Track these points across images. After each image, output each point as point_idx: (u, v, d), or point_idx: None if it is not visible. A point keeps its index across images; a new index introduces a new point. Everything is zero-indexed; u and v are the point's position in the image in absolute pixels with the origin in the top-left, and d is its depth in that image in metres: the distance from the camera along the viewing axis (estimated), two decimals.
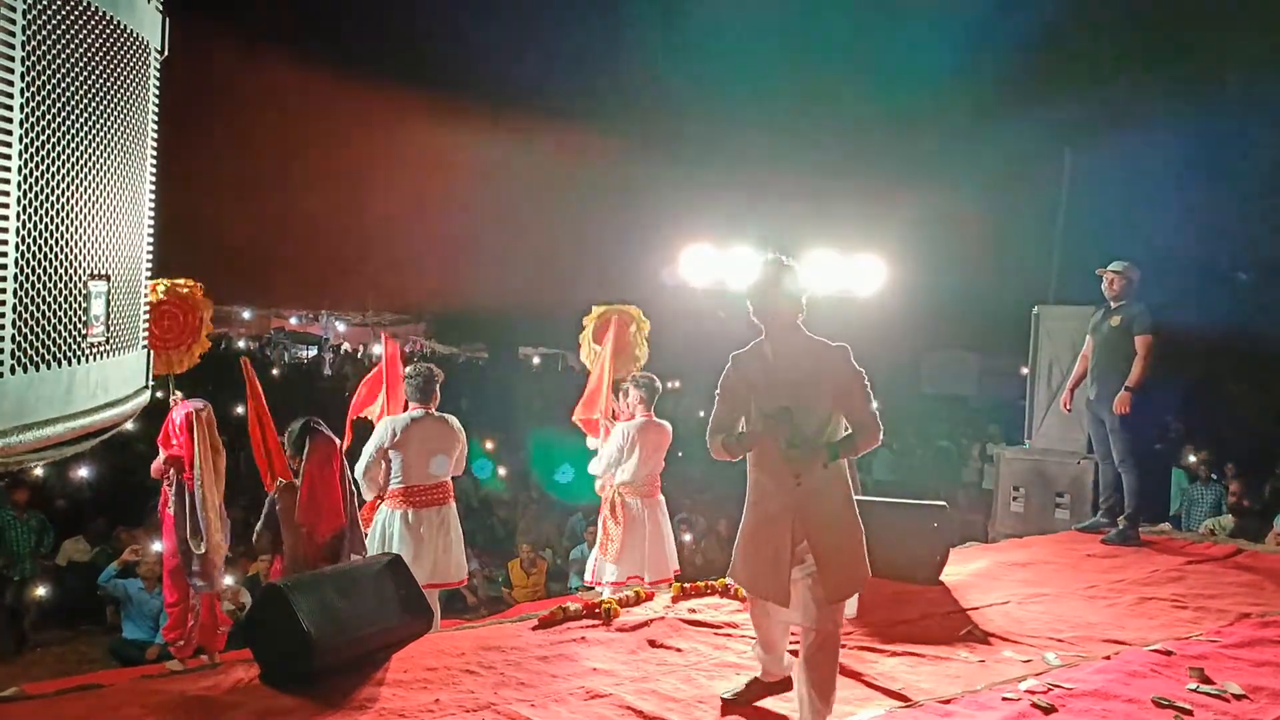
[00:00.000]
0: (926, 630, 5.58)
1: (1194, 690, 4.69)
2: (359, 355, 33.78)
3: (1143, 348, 7.60)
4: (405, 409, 6.85)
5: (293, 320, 43.84)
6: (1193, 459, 11.58)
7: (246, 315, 42.03)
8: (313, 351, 37.64)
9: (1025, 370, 10.28)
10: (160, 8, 1.76)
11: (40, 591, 10.27)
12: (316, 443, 6.01)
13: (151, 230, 1.77)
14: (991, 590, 6.38)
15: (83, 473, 13.13)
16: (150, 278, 1.82)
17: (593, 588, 7.32)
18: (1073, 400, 8.13)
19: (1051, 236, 13.07)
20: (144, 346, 1.77)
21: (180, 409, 6.15)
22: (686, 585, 6.38)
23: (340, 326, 40.29)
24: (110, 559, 9.90)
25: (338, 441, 6.20)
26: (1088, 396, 7.96)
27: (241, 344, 35.84)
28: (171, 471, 6.24)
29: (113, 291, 1.57)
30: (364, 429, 7.07)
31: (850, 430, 4.07)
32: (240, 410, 13.27)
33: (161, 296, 6.46)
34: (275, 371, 26.84)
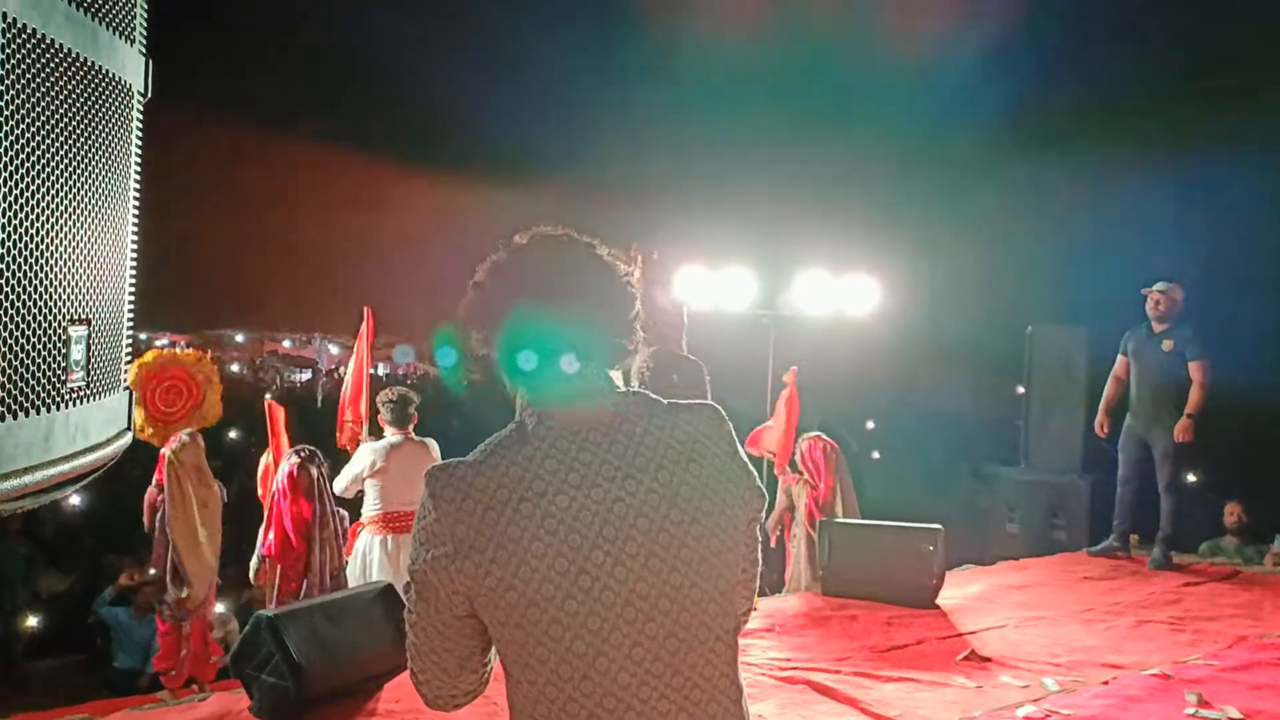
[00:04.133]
0: (923, 655, 5.54)
1: (1192, 714, 4.66)
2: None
3: (1200, 374, 7.44)
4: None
5: (286, 343, 43.82)
6: (1190, 478, 11.58)
7: (240, 339, 42.02)
8: (306, 375, 37.60)
9: (1021, 389, 10.29)
10: (144, 51, 1.76)
11: (31, 621, 10.21)
12: (289, 476, 6.03)
13: (134, 271, 1.75)
14: (988, 614, 6.35)
15: (74, 500, 13.06)
16: (133, 316, 1.80)
17: None
18: (1109, 423, 8.02)
19: (1044, 257, 13.12)
20: (126, 388, 1.76)
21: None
22: None
23: (333, 349, 40.26)
24: (93, 586, 9.85)
25: (314, 474, 6.16)
26: (1127, 421, 7.87)
27: (235, 368, 35.77)
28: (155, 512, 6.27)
29: (93, 336, 1.55)
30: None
31: None
32: (233, 435, 13.25)
33: (165, 367, 6.48)
34: (269, 395, 26.79)
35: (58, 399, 1.45)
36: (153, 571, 8.78)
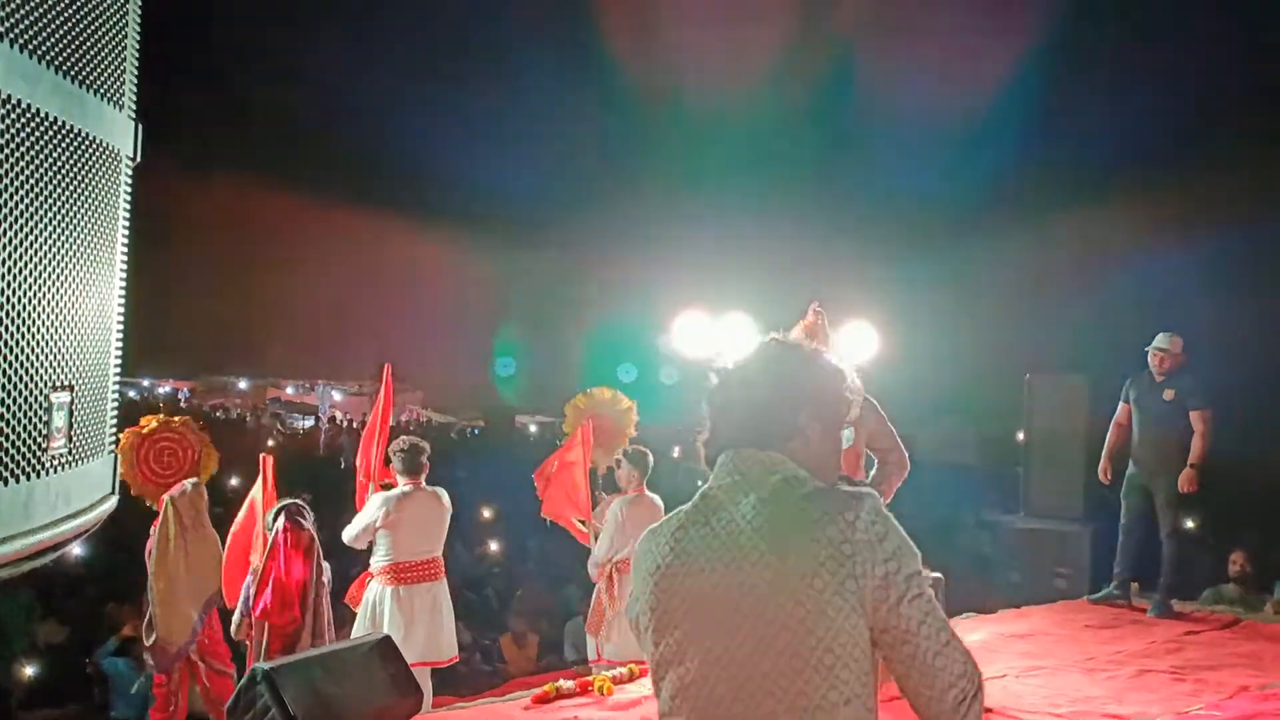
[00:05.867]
0: None
1: None
2: (355, 425, 33.73)
3: (1202, 424, 7.47)
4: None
5: (289, 390, 43.81)
6: (1190, 524, 11.53)
7: (242, 385, 42.04)
8: (309, 422, 37.57)
9: (1021, 436, 10.27)
10: (133, 116, 1.78)
11: (29, 670, 10.14)
12: (285, 533, 6.01)
13: (120, 334, 1.77)
14: (990, 663, 6.31)
15: (75, 550, 13.02)
16: (119, 379, 1.81)
17: (592, 668, 7.24)
18: (1112, 470, 8.02)
19: (1042, 306, 13.17)
20: (110, 452, 1.76)
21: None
22: None
23: (336, 396, 40.23)
24: (92, 635, 9.80)
25: (308, 531, 6.15)
26: (1130, 469, 7.87)
27: (236, 414, 35.78)
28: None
29: (76, 401, 1.56)
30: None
31: None
32: (234, 482, 13.22)
33: (157, 432, 6.65)
34: (271, 442, 26.76)
35: (38, 466, 1.46)
36: None
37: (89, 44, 1.58)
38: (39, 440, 1.45)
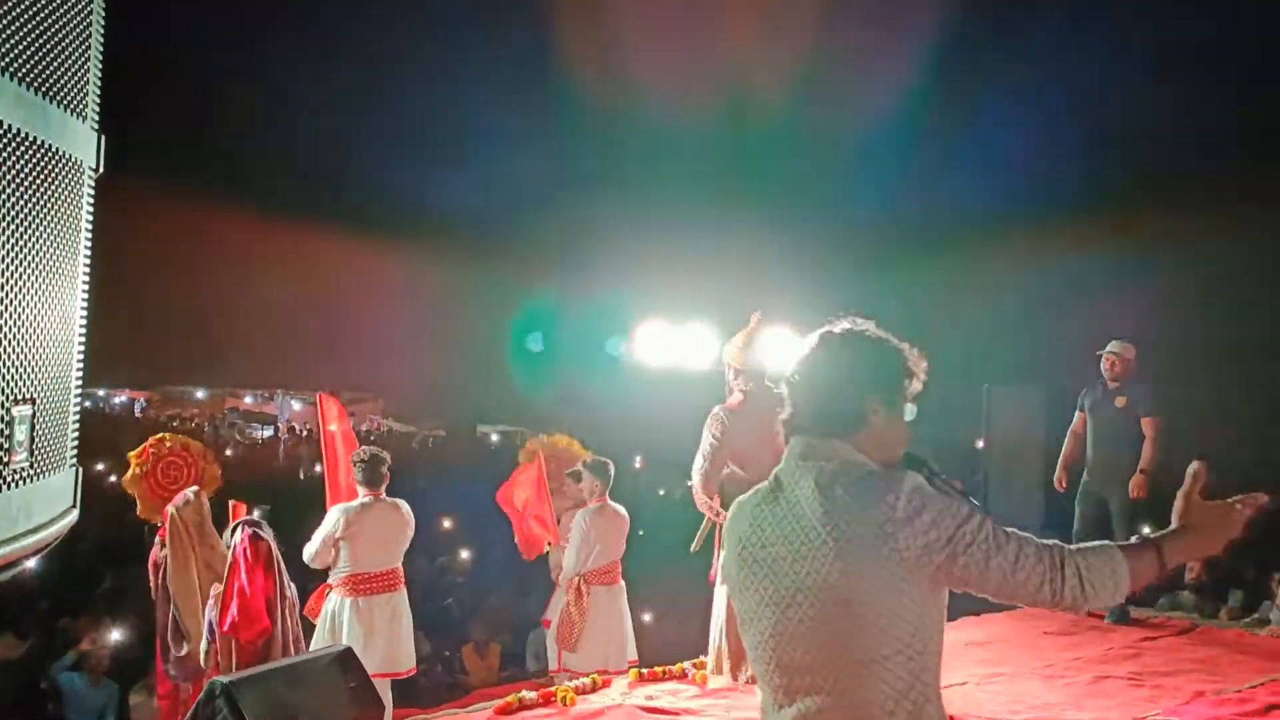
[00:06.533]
0: None
1: None
2: (314, 434, 33.45)
3: (1152, 430, 7.55)
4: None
5: (247, 399, 43.42)
6: (1145, 531, 11.65)
7: (200, 395, 41.60)
8: (268, 431, 37.25)
9: (981, 444, 10.37)
10: (95, 127, 1.76)
11: None
12: (244, 547, 5.97)
13: (83, 347, 1.75)
14: (950, 670, 6.30)
15: (29, 564, 12.83)
16: (81, 389, 1.79)
17: (553, 677, 7.23)
18: (1068, 478, 8.09)
19: (999, 318, 13.31)
20: (72, 465, 1.74)
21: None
22: (644, 671, 6.31)
23: (295, 405, 39.91)
24: (46, 650, 9.65)
25: (268, 543, 6.11)
26: (1084, 477, 7.95)
27: (193, 424, 35.37)
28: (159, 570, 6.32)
29: (38, 415, 1.54)
30: None
31: None
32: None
33: (167, 449, 6.76)
34: (230, 452, 26.50)
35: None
36: (115, 636, 8.75)
37: (52, 56, 1.56)
38: (0, 454, 1.44)
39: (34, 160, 1.52)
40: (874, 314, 2.49)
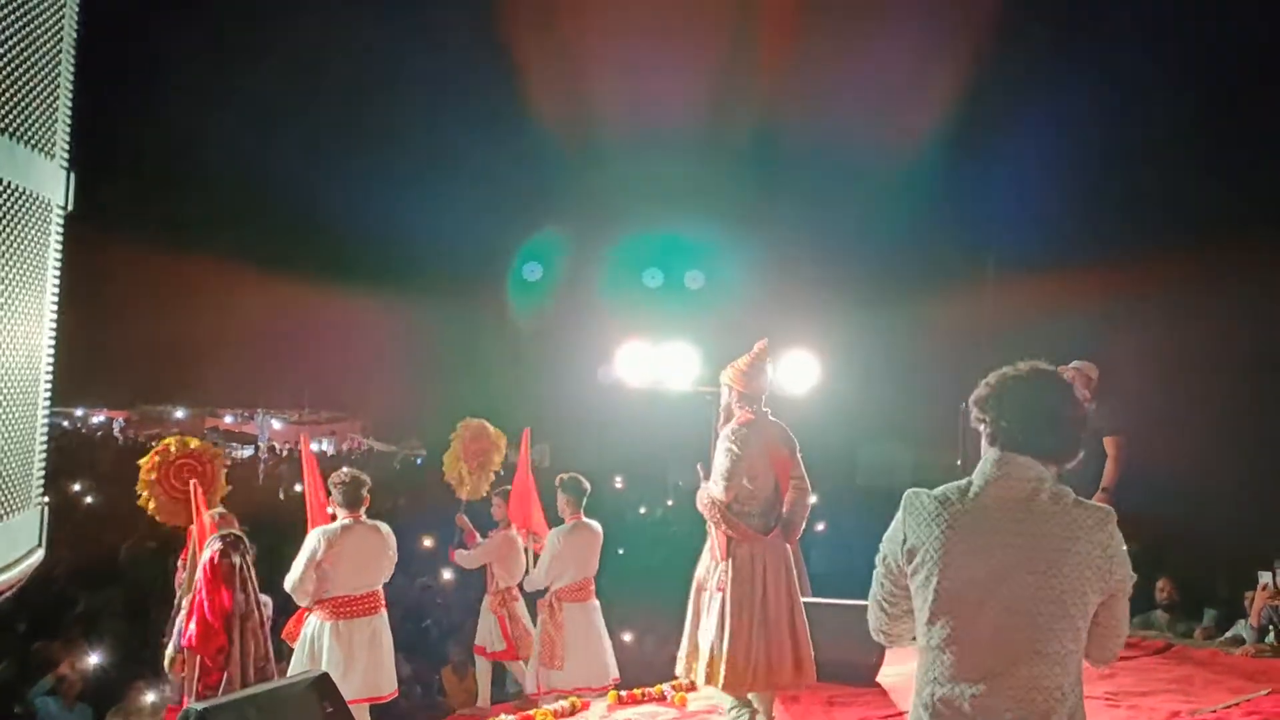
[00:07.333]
0: None
1: None
2: (295, 453, 33.28)
3: (1113, 448, 7.56)
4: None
5: (227, 419, 43.17)
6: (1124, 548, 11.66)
7: (180, 414, 41.32)
8: (248, 451, 37.05)
9: (960, 463, 10.35)
10: (65, 165, 1.76)
11: None
12: (210, 564, 5.99)
13: (49, 387, 1.74)
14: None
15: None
16: (48, 428, 1.79)
17: (537, 700, 7.20)
18: None
19: (979, 336, 13.39)
20: (38, 505, 1.73)
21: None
22: (623, 693, 6.31)
23: (276, 425, 39.68)
24: (21, 674, 9.58)
25: (232, 561, 6.12)
26: None
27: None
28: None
29: (2, 455, 1.53)
30: None
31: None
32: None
33: (174, 454, 6.86)
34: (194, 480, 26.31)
35: None
36: (94, 659, 8.74)
37: (20, 94, 1.56)
38: None
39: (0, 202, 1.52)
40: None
